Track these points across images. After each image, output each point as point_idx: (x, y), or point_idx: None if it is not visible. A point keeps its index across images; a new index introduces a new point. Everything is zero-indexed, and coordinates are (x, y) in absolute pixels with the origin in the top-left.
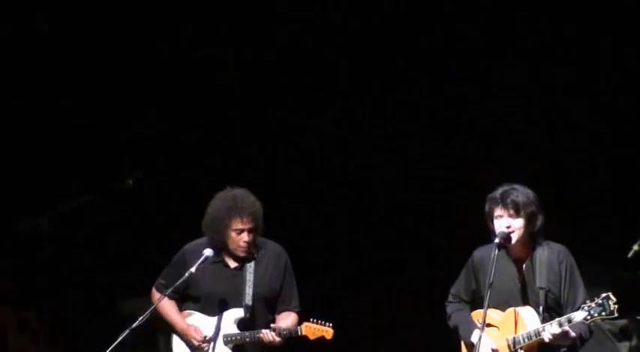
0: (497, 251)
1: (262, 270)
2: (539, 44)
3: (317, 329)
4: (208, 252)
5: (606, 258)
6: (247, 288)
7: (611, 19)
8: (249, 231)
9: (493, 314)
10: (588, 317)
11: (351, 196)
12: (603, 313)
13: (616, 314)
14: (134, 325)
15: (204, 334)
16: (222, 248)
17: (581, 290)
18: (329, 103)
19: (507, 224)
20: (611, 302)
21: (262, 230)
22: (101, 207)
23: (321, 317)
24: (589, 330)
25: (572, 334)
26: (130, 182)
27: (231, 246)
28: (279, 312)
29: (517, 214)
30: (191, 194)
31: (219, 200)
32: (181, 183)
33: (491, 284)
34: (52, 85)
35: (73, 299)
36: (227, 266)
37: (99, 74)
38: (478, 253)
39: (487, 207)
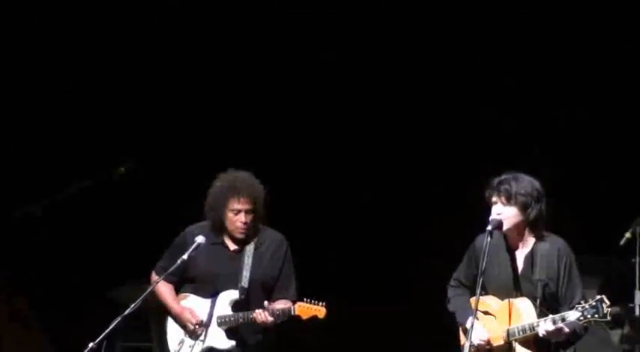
0: (489, 238)
1: (261, 255)
2: (540, 44)
3: (310, 309)
4: (200, 239)
5: (599, 247)
6: (244, 271)
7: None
8: (247, 212)
9: (491, 302)
10: (581, 318)
11: (351, 195)
12: (596, 315)
13: (608, 318)
14: (126, 312)
15: (199, 317)
16: (222, 229)
17: (579, 289)
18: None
19: (499, 211)
20: (604, 305)
21: (263, 214)
22: (96, 195)
23: (314, 297)
24: (584, 327)
25: (566, 330)
26: (123, 169)
27: (229, 227)
28: (275, 300)
29: (508, 202)
30: (190, 182)
31: (220, 180)
32: (180, 171)
33: (483, 272)
34: (49, 77)
35: (66, 286)
36: (227, 247)
37: (97, 66)
38: (480, 239)
39: (486, 193)
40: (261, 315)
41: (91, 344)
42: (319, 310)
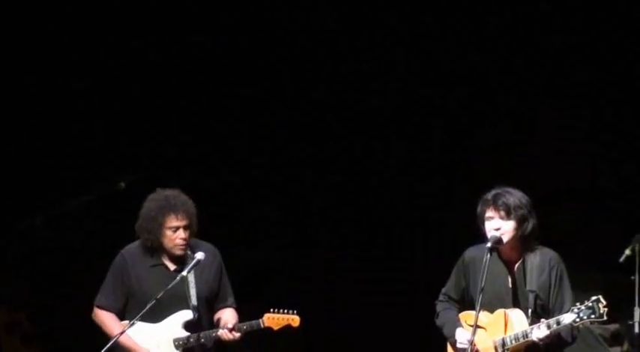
0: (488, 255)
1: (200, 270)
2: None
3: (281, 319)
4: (200, 255)
5: (599, 263)
6: (191, 290)
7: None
8: (185, 228)
9: (481, 316)
10: (577, 320)
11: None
12: (592, 316)
13: (605, 318)
14: (127, 327)
15: (150, 345)
16: (157, 250)
17: (569, 298)
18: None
19: (497, 225)
20: (600, 305)
21: (196, 229)
22: (95, 209)
23: (284, 306)
24: (571, 334)
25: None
26: (123, 184)
27: (168, 245)
28: (217, 310)
29: (508, 216)
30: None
31: (152, 201)
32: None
33: (482, 289)
34: (49, 87)
35: (66, 300)
36: (167, 268)
37: (96, 78)
38: (469, 253)
39: (479, 209)
40: (227, 334)
41: None
42: (292, 319)
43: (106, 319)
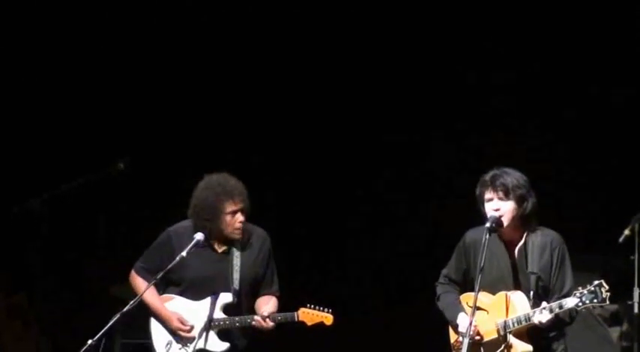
0: (487, 235)
1: (248, 254)
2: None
3: (315, 315)
4: (199, 236)
5: (598, 244)
6: (235, 273)
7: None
8: (241, 211)
9: (482, 297)
10: (580, 304)
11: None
12: (595, 300)
13: (608, 302)
14: (125, 309)
15: (188, 321)
16: (209, 234)
17: (569, 279)
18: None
19: (496, 206)
20: (603, 290)
21: (249, 211)
22: (94, 191)
23: (320, 303)
24: (569, 315)
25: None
26: (122, 165)
27: (228, 230)
28: (260, 296)
29: (506, 197)
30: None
31: (205, 189)
32: (172, 168)
33: (482, 269)
34: (48, 76)
35: (65, 283)
36: (215, 250)
37: (95, 63)
38: (470, 234)
39: (478, 190)
40: (261, 322)
41: (89, 342)
42: (326, 317)
43: (140, 285)
